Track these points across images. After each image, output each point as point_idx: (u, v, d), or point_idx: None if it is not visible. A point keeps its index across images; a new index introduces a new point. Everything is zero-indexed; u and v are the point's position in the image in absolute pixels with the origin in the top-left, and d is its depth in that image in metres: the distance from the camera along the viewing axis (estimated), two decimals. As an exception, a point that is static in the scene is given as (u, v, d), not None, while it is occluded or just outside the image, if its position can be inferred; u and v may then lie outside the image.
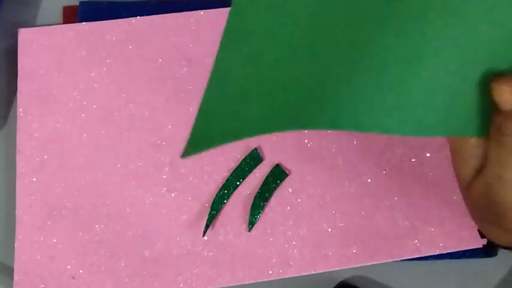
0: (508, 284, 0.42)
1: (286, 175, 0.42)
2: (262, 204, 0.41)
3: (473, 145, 0.31)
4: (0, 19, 0.47)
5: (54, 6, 0.48)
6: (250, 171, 0.42)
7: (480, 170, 0.31)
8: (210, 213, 0.41)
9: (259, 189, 0.42)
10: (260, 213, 0.41)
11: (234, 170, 0.42)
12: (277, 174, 0.42)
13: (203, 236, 0.41)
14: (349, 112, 0.23)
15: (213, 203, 0.41)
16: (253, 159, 0.42)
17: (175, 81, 0.45)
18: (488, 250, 0.42)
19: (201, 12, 0.47)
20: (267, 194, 0.42)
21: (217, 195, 0.42)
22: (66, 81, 0.44)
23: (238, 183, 0.42)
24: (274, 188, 0.42)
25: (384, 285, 0.42)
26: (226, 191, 0.42)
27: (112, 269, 0.40)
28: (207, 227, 0.41)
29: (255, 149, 0.43)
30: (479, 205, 0.32)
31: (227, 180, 0.42)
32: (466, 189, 0.33)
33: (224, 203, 0.41)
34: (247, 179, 0.42)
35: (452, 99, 0.26)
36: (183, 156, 0.28)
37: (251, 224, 0.41)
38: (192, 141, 0.27)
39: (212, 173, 0.42)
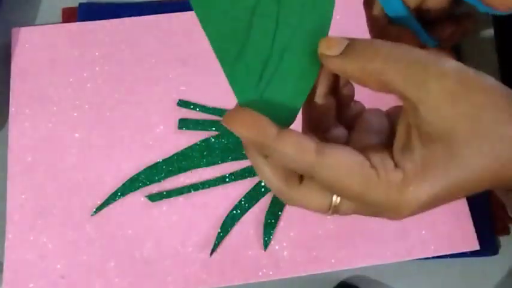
0: (508, 284, 0.42)
1: None
2: (274, 222, 0.41)
3: None
4: (0, 20, 0.47)
5: (54, 7, 0.48)
6: (263, 195, 0.42)
7: None
8: (218, 233, 0.40)
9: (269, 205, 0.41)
10: (274, 230, 0.41)
11: (247, 193, 0.42)
12: None
13: (210, 255, 0.40)
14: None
15: (223, 224, 0.41)
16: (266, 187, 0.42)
17: (168, 82, 0.45)
18: (489, 249, 0.42)
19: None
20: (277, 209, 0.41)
21: (227, 216, 0.41)
22: (58, 80, 0.44)
23: (250, 205, 0.42)
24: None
25: (384, 285, 0.42)
26: (238, 211, 0.41)
27: (102, 269, 0.40)
28: (215, 246, 0.40)
29: None
30: None
31: (239, 201, 0.41)
32: None
33: (234, 225, 0.41)
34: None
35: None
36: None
37: (265, 245, 0.40)
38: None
39: (203, 173, 0.42)
